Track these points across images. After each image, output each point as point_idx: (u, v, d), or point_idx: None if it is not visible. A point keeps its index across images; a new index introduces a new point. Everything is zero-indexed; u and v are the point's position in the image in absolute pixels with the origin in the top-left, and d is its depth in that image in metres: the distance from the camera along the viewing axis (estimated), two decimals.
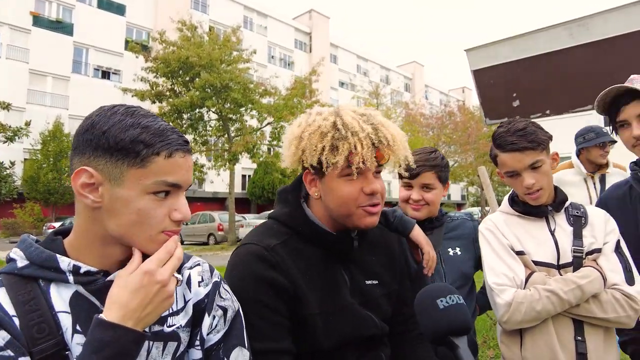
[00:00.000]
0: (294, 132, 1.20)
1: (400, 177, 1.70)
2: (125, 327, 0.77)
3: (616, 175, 3.11)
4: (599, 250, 1.47)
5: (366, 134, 1.11)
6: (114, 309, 0.78)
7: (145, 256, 0.87)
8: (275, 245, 1.17)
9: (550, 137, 1.53)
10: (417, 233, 1.58)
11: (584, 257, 1.46)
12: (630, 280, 1.42)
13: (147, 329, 0.85)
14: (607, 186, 3.07)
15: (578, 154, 3.32)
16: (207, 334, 0.98)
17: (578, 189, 3.24)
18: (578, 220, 1.53)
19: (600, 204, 1.62)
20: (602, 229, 1.51)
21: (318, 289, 1.18)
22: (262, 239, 1.19)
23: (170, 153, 0.85)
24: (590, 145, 3.18)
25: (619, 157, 3.30)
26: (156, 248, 0.86)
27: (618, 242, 1.50)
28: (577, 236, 1.50)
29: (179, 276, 0.91)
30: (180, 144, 0.87)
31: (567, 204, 1.57)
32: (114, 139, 0.81)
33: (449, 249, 1.76)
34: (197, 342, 0.97)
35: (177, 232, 0.89)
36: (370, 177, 1.16)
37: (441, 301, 1.04)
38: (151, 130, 0.84)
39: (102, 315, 0.78)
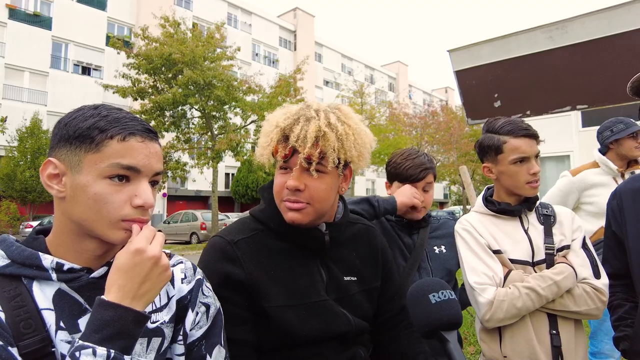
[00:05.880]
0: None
1: (403, 181, 1.72)
2: (125, 307, 0.77)
3: None
4: (567, 247, 1.54)
5: (274, 125, 1.16)
6: (112, 290, 0.79)
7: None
8: (239, 240, 1.19)
9: None
10: (399, 206, 1.68)
11: (555, 253, 1.52)
12: (597, 274, 1.50)
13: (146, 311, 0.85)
14: None
15: (605, 151, 2.95)
16: (190, 330, 0.99)
17: (609, 188, 2.57)
18: (547, 219, 1.59)
19: (615, 195, 1.55)
20: (570, 226, 1.58)
21: (284, 283, 1.18)
22: (230, 232, 1.22)
23: (124, 137, 0.85)
24: (622, 137, 2.81)
25: None
26: (119, 235, 0.85)
27: (584, 238, 1.57)
28: (548, 234, 1.56)
29: (169, 251, 0.92)
30: (138, 129, 0.87)
31: (537, 203, 1.63)
32: (73, 129, 0.84)
33: (435, 247, 1.80)
34: (180, 338, 0.98)
35: (142, 221, 0.87)
36: (295, 173, 1.14)
37: (433, 296, 1.05)
38: (109, 118, 0.86)
39: (103, 296, 0.78)
